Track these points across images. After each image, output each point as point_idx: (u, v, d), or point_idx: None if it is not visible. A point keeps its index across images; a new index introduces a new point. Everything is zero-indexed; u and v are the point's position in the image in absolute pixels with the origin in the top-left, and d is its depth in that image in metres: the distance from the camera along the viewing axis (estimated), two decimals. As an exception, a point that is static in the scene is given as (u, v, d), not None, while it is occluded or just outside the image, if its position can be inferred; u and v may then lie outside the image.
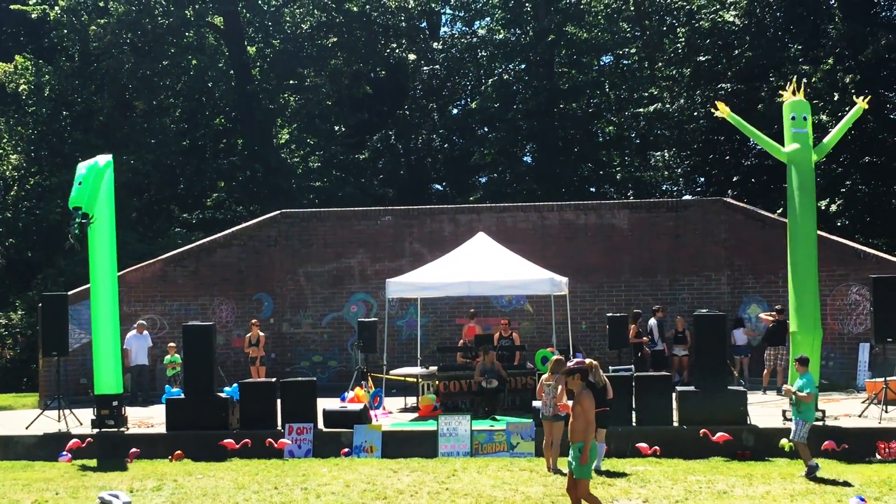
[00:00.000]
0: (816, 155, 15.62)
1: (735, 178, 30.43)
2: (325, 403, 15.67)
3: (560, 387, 12.97)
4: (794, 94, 15.84)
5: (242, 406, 15.30)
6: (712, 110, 16.68)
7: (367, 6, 37.49)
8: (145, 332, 21.14)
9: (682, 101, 32.05)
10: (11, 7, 35.30)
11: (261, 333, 21.20)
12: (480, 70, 39.61)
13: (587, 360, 13.57)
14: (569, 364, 10.36)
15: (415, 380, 18.49)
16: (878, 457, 13.53)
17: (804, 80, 16.64)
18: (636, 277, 23.07)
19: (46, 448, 14.96)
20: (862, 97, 16.17)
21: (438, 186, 42.93)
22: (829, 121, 27.43)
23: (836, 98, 27.08)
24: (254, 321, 21.51)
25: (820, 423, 14.33)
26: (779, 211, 25.37)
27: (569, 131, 36.15)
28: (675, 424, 14.50)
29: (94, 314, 15.70)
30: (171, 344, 20.71)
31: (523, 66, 37.20)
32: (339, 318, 23.43)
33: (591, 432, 9.35)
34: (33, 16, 34.57)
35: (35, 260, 32.56)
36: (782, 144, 15.77)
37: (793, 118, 15.60)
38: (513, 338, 19.88)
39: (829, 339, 19.52)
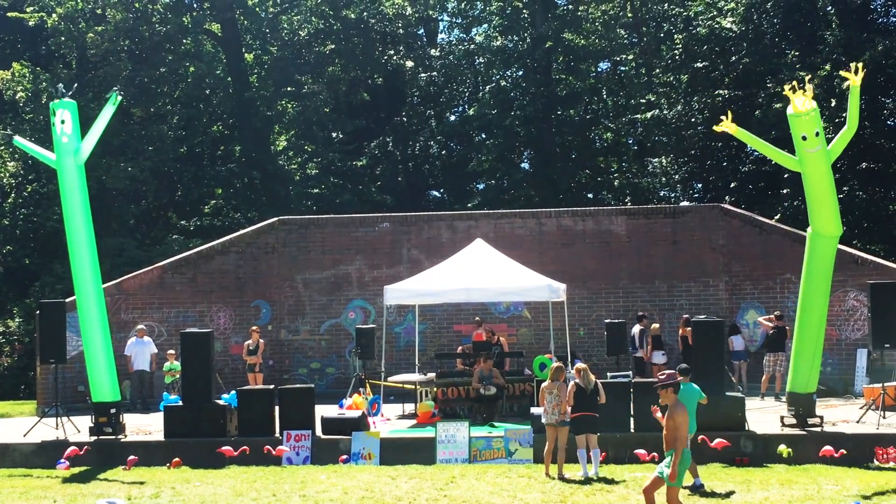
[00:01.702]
0: (831, 158, 14.02)
1: (732, 185, 30.46)
2: (323, 410, 15.64)
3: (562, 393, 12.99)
4: (799, 99, 13.64)
5: (240, 413, 15.30)
6: (719, 125, 14.63)
7: (365, 13, 37.57)
8: (146, 338, 21.04)
9: (679, 107, 32.09)
10: (9, 14, 35.35)
11: (261, 340, 21.17)
12: (478, 77, 39.68)
13: (578, 364, 13.60)
14: (660, 377, 10.14)
15: (413, 386, 18.48)
16: (876, 462, 13.53)
17: (807, 80, 13.85)
18: (634, 284, 23.07)
19: (44, 456, 14.93)
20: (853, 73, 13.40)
21: (436, 193, 42.94)
22: (826, 126, 27.44)
23: (833, 104, 27.11)
24: (254, 328, 21.48)
25: (817, 429, 14.37)
26: (776, 217, 25.38)
27: (566, 138, 36.21)
28: (674, 431, 14.48)
29: (83, 324, 15.63)
30: (171, 351, 20.67)
31: (521, 73, 37.27)
32: (337, 325, 23.43)
33: (681, 445, 9.33)
34: (31, 23, 34.62)
35: (33, 267, 32.54)
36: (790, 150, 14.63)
37: (804, 138, 13.74)
38: (501, 343, 19.89)
39: (826, 345, 19.39)
